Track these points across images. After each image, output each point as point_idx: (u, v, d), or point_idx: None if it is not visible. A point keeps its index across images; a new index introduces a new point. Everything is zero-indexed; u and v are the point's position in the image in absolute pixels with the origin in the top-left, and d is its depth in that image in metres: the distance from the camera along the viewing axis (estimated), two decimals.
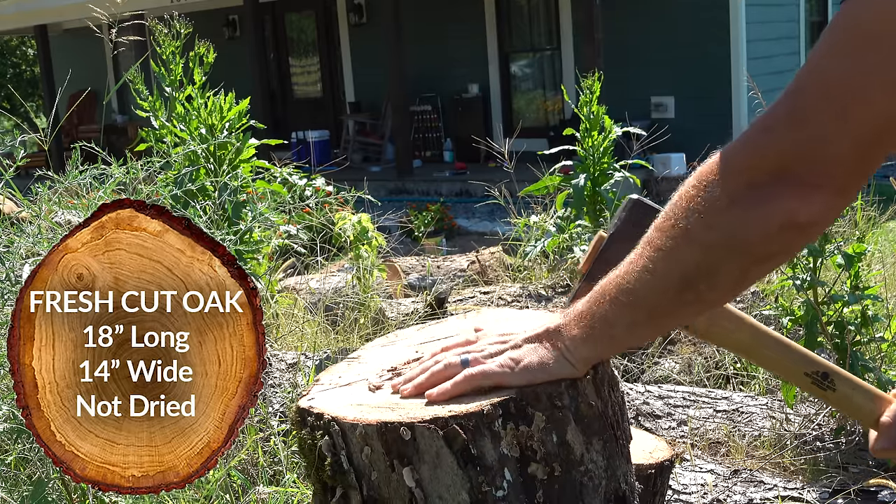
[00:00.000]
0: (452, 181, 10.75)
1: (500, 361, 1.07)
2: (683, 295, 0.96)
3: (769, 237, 0.90)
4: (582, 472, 1.07)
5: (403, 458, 1.02)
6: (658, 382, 3.14)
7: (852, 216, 3.49)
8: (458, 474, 1.02)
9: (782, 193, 0.88)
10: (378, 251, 4.25)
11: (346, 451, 1.05)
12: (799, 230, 0.89)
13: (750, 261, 0.93)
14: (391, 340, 1.33)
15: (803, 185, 0.87)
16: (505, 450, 1.03)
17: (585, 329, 1.04)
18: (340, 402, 1.11)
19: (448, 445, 1.01)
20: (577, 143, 4.27)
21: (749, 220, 0.90)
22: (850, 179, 0.88)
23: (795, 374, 1.14)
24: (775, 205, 0.88)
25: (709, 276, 0.94)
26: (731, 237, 0.91)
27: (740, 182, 0.90)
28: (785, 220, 0.88)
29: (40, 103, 19.05)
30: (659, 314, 1.00)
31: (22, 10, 14.10)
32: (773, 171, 0.88)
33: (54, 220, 1.78)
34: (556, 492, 1.05)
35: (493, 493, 1.02)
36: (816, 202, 0.88)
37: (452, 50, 11.84)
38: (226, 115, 3.15)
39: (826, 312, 2.59)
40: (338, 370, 1.24)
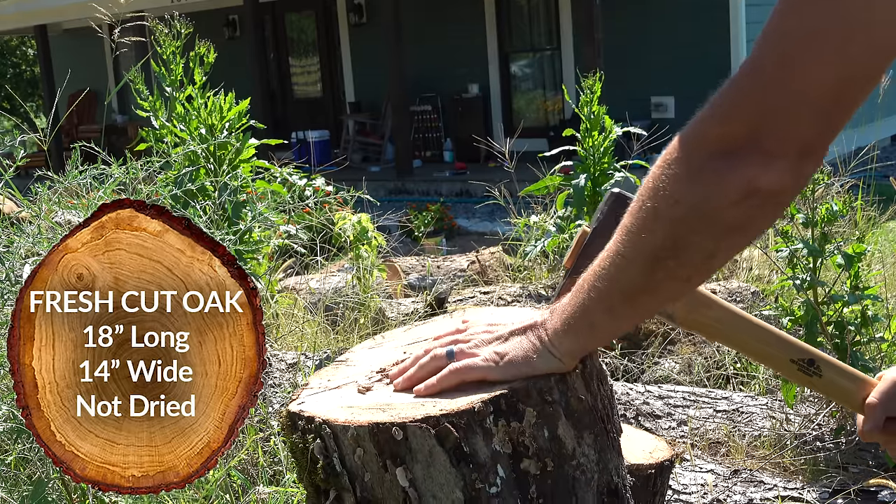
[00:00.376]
0: (452, 181, 10.75)
1: (484, 355, 1.07)
2: (654, 273, 0.95)
3: (732, 207, 0.89)
4: (574, 465, 1.07)
5: (396, 459, 1.02)
6: (658, 382, 3.14)
7: (852, 216, 3.49)
8: (451, 472, 1.02)
9: (742, 162, 0.87)
10: (378, 251, 4.25)
11: (338, 454, 1.05)
12: (763, 198, 0.88)
13: (717, 233, 0.91)
14: (378, 342, 1.33)
15: (762, 152, 0.87)
16: (497, 446, 1.03)
17: (567, 320, 1.03)
18: (331, 404, 1.10)
19: (440, 444, 1.01)
20: (577, 143, 4.27)
21: (711, 191, 0.89)
22: (813, 144, 0.88)
23: (781, 362, 1.14)
24: (735, 173, 0.87)
25: (677, 252, 0.93)
26: (695, 209, 0.90)
27: (702, 154, 0.90)
28: (746, 188, 0.87)
29: (40, 103, 19.06)
30: (633, 296, 0.99)
31: (22, 10, 14.10)
32: (733, 140, 0.88)
33: (54, 220, 1.78)
34: (549, 486, 1.05)
35: (487, 489, 1.02)
36: (777, 169, 0.87)
37: (452, 50, 11.84)
38: (226, 115, 3.15)
39: (826, 312, 2.59)
40: (326, 374, 1.24)
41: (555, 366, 1.05)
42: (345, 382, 1.18)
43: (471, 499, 1.02)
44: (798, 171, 0.88)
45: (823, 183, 2.57)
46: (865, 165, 3.80)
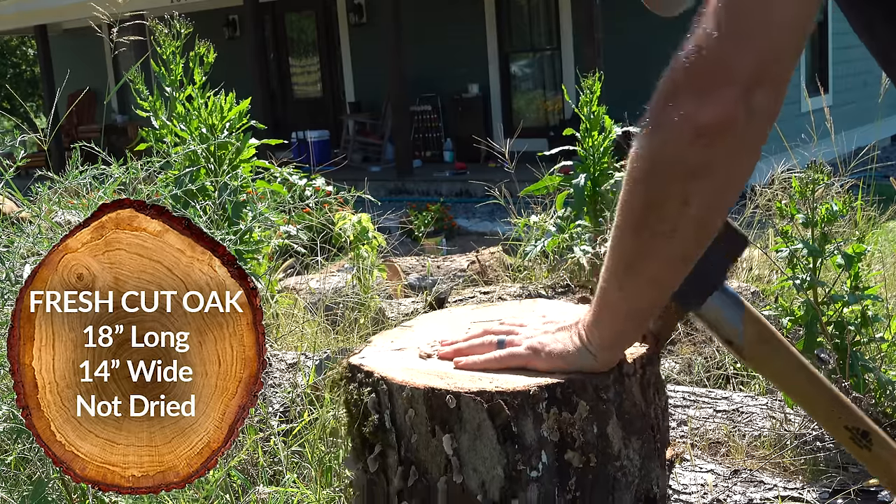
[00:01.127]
0: (452, 181, 10.75)
1: (528, 344, 1.09)
2: (641, 234, 0.96)
3: (686, 148, 0.90)
4: (617, 466, 1.08)
5: (445, 426, 1.04)
6: None
7: (852, 216, 3.49)
8: (496, 449, 1.03)
9: (683, 100, 0.89)
10: (378, 251, 4.25)
11: (390, 411, 1.08)
12: (711, 135, 0.88)
13: (680, 176, 0.92)
14: (444, 315, 1.36)
15: (699, 88, 0.88)
16: (545, 432, 1.04)
17: (593, 310, 1.05)
18: (391, 364, 1.14)
19: (491, 419, 1.02)
20: (577, 143, 4.27)
21: (664, 138, 0.91)
22: (752, 77, 0.88)
23: (835, 425, 1.13)
24: (678, 113, 0.89)
25: (654, 208, 0.94)
26: (654, 159, 0.92)
27: (657, 104, 0.92)
28: (691, 127, 0.88)
29: (40, 103, 19.06)
30: (632, 264, 0.99)
31: (22, 10, 14.10)
32: (678, 83, 0.90)
33: (54, 220, 1.78)
34: (589, 481, 1.06)
35: (528, 472, 1.03)
36: (713, 101, 0.88)
37: (452, 50, 11.84)
38: (226, 115, 3.15)
39: (826, 312, 2.59)
40: (391, 335, 1.28)
41: (589, 362, 1.06)
42: (407, 346, 1.21)
43: (511, 478, 1.03)
44: (746, 101, 0.88)
45: (823, 183, 2.57)
46: (865, 165, 3.80)
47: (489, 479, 1.04)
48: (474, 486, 1.04)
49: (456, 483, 1.04)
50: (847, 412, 1.13)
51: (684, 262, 1.00)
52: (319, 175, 5.89)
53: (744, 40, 0.87)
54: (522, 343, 1.10)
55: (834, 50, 11.53)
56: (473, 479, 1.04)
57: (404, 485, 1.08)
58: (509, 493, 1.03)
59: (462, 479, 1.04)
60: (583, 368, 1.07)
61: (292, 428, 2.25)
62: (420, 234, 7.75)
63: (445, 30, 11.82)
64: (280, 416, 2.45)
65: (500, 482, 1.04)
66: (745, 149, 0.91)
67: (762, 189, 4.20)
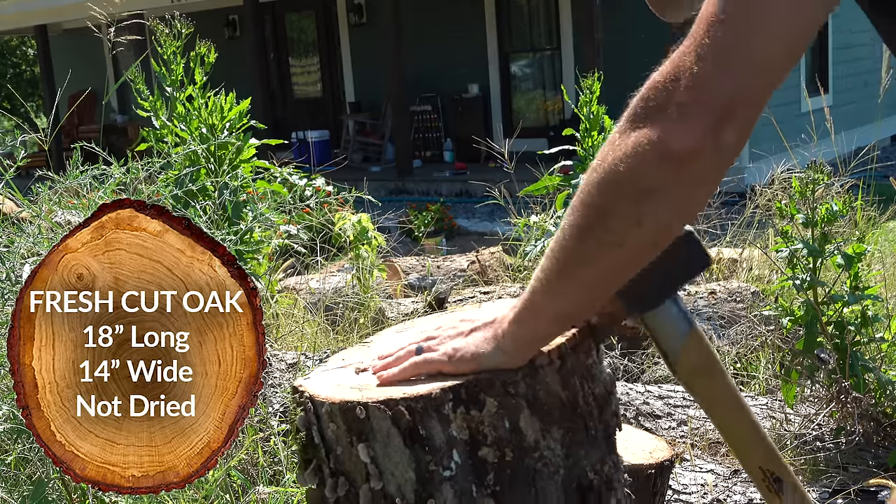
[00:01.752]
0: (452, 181, 10.75)
1: (443, 350, 1.11)
2: (585, 241, 0.96)
3: (646, 168, 0.90)
4: (536, 458, 1.10)
5: (360, 436, 1.08)
6: (658, 382, 3.14)
7: (852, 216, 3.49)
8: (405, 453, 1.07)
9: (654, 125, 0.89)
10: (378, 251, 4.25)
11: (317, 427, 1.12)
12: (677, 161, 0.89)
13: (637, 196, 0.92)
14: (406, 327, 1.39)
15: (673, 115, 0.89)
16: (454, 432, 1.07)
17: (516, 310, 1.06)
18: (326, 382, 1.17)
19: (395, 425, 1.06)
20: (577, 144, 4.27)
21: (629, 154, 0.91)
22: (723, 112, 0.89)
23: (751, 463, 1.15)
24: (647, 134, 0.90)
25: (604, 218, 0.94)
26: (616, 172, 0.92)
27: (628, 123, 0.93)
28: (659, 150, 0.89)
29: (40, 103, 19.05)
30: (568, 268, 0.99)
31: (22, 10, 14.10)
32: (652, 107, 0.90)
33: (54, 220, 1.78)
34: (507, 475, 1.09)
35: (441, 472, 1.06)
36: (684, 130, 0.88)
37: (452, 50, 11.84)
38: (226, 115, 3.15)
39: (826, 312, 2.59)
40: (345, 353, 1.31)
41: (501, 360, 1.08)
42: (353, 363, 1.24)
43: (423, 479, 1.07)
44: (715, 135, 0.89)
45: (823, 183, 2.57)
46: (865, 165, 3.80)
47: (404, 483, 1.07)
48: (393, 490, 1.08)
49: (377, 489, 1.09)
50: (768, 452, 1.14)
51: (622, 275, 1.01)
52: (319, 175, 5.89)
53: (724, 76, 0.88)
54: (438, 348, 1.12)
55: (834, 50, 11.54)
56: (392, 484, 1.08)
57: (337, 495, 1.13)
58: (424, 494, 1.07)
59: (382, 485, 1.08)
60: (496, 367, 1.08)
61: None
62: (420, 234, 7.75)
63: (445, 30, 11.82)
64: (280, 416, 2.45)
65: (414, 484, 1.07)
66: (704, 180, 0.92)
67: (762, 189, 4.20)
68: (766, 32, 0.88)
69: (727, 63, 0.88)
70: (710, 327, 3.45)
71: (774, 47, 0.89)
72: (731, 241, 4.68)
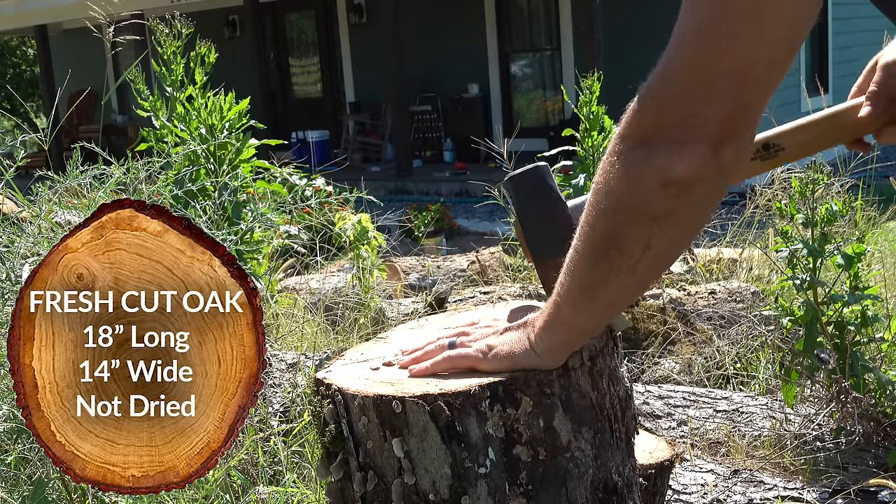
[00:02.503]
0: (452, 181, 10.75)
1: (477, 346, 1.13)
2: (600, 265, 0.98)
3: (652, 196, 0.91)
4: (567, 458, 1.11)
5: (395, 430, 1.08)
6: (658, 382, 3.14)
7: (852, 216, 3.49)
8: (441, 449, 1.07)
9: (655, 151, 0.89)
10: (378, 251, 4.25)
11: (346, 420, 1.12)
12: (680, 188, 0.90)
13: (644, 222, 0.93)
14: (420, 324, 1.40)
15: (671, 139, 0.89)
16: (490, 430, 1.07)
17: (545, 317, 1.08)
18: (351, 375, 1.17)
19: (433, 421, 1.06)
20: (576, 144, 4.27)
21: (631, 182, 0.92)
22: (725, 129, 0.88)
23: None
24: (649, 163, 0.90)
25: (616, 243, 0.96)
26: (621, 201, 0.93)
27: (625, 145, 0.93)
28: (660, 177, 0.89)
29: (40, 103, 19.06)
30: (588, 289, 1.01)
31: (22, 10, 14.10)
32: (648, 129, 0.90)
33: (54, 220, 1.78)
34: (539, 474, 1.10)
35: (476, 469, 1.07)
36: (686, 158, 0.88)
37: (452, 50, 11.84)
38: (226, 115, 3.15)
39: (826, 312, 2.59)
40: (363, 347, 1.32)
41: (535, 363, 1.10)
42: (374, 357, 1.26)
43: (458, 476, 1.07)
44: (715, 158, 0.89)
45: (823, 183, 2.57)
46: (865, 165, 3.80)
47: (438, 479, 1.08)
48: (426, 485, 1.08)
49: (409, 484, 1.09)
50: None
51: (640, 290, 1.05)
52: (319, 175, 5.89)
53: (717, 99, 0.87)
54: (472, 345, 1.14)
55: (834, 50, 11.53)
56: (425, 479, 1.08)
57: (365, 489, 1.13)
58: (459, 490, 1.07)
59: (415, 480, 1.09)
60: (531, 367, 1.10)
61: (292, 428, 2.25)
62: (420, 234, 7.75)
63: (445, 30, 11.82)
64: (280, 416, 2.45)
65: (449, 480, 1.07)
66: (709, 200, 0.94)
67: (762, 189, 4.20)
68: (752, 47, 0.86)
69: (718, 85, 0.86)
70: (711, 327, 3.45)
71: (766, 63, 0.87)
72: (731, 241, 4.68)
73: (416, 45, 11.45)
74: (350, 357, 1.27)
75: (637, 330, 3.49)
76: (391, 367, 1.20)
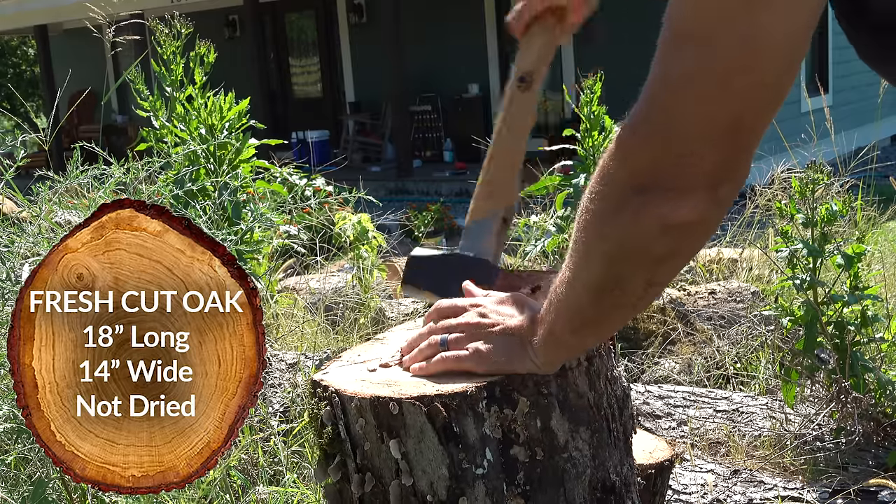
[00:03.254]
0: (452, 181, 10.74)
1: (474, 347, 1.12)
2: (602, 303, 0.99)
3: (655, 241, 0.90)
4: (565, 458, 1.11)
5: (392, 431, 1.08)
6: (658, 382, 3.14)
7: (852, 216, 3.48)
8: (438, 450, 1.07)
9: (653, 199, 0.88)
10: (378, 251, 4.25)
11: (344, 422, 1.12)
12: (681, 230, 0.90)
13: (647, 264, 0.94)
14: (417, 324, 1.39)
15: (670, 189, 0.87)
16: (487, 430, 1.07)
17: (543, 336, 1.08)
18: (348, 377, 1.17)
19: (430, 422, 1.06)
20: (577, 143, 4.27)
21: (631, 229, 0.91)
22: (721, 172, 0.88)
23: None
24: (649, 211, 0.89)
25: (618, 283, 0.96)
26: (621, 246, 0.93)
27: (618, 190, 0.91)
28: (662, 224, 0.89)
29: (40, 103, 19.05)
30: (589, 320, 1.03)
31: (22, 10, 14.10)
32: (642, 176, 0.89)
33: (54, 220, 1.78)
34: (537, 474, 1.10)
35: (473, 470, 1.07)
36: (687, 204, 0.88)
37: (452, 50, 11.83)
38: (226, 115, 3.15)
39: (826, 312, 2.59)
40: (360, 349, 1.32)
41: (532, 368, 1.10)
42: (371, 358, 1.26)
43: (456, 476, 1.07)
44: (714, 198, 0.89)
45: (823, 183, 2.57)
46: (865, 165, 3.80)
47: (436, 480, 1.08)
48: (424, 487, 1.08)
49: (406, 486, 1.09)
50: None
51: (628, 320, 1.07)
52: (319, 175, 5.89)
53: (711, 147, 0.86)
54: (468, 347, 1.13)
55: (834, 50, 11.53)
56: (423, 481, 1.08)
57: (363, 491, 1.13)
58: (456, 491, 1.07)
59: (413, 482, 1.09)
60: (527, 372, 1.10)
61: (292, 428, 2.25)
62: (420, 233, 7.75)
63: (445, 30, 11.82)
64: (280, 416, 2.45)
65: (447, 481, 1.07)
66: (711, 231, 0.94)
67: (762, 189, 4.20)
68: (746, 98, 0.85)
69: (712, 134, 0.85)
70: (711, 327, 3.45)
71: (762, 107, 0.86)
72: (731, 241, 4.68)
73: (416, 45, 11.45)
74: (347, 358, 1.27)
75: (637, 330, 3.49)
76: (388, 368, 1.20)
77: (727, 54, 0.82)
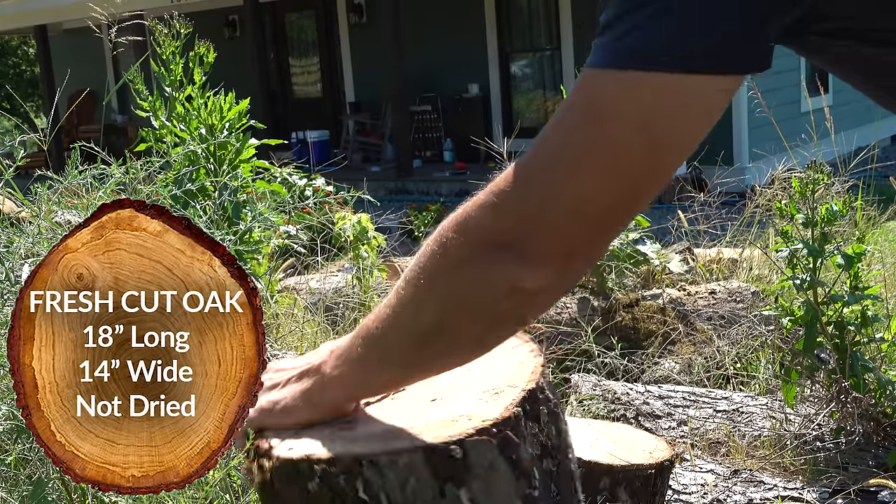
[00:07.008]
0: (452, 181, 10.75)
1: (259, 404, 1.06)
2: (422, 351, 0.96)
3: (498, 301, 0.89)
4: (571, 459, 1.09)
5: (454, 479, 0.95)
6: (658, 382, 3.14)
7: (852, 216, 3.49)
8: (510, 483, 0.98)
9: (508, 260, 0.87)
10: (378, 251, 4.25)
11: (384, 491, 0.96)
12: (527, 296, 0.88)
13: (485, 323, 0.91)
14: None
15: (527, 253, 0.86)
16: (530, 448, 1.02)
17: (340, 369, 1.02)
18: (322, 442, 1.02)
19: (502, 454, 0.97)
20: None
21: (478, 284, 0.88)
22: (578, 253, 0.87)
23: None
24: (501, 271, 0.87)
25: (446, 335, 0.93)
26: (462, 298, 0.90)
27: (471, 245, 0.89)
28: (511, 286, 0.87)
29: (40, 103, 19.06)
30: (405, 366, 0.99)
31: (22, 10, 14.10)
32: (501, 237, 0.87)
33: (54, 220, 1.78)
34: (561, 481, 1.07)
35: (533, 493, 1.00)
36: (539, 273, 0.87)
37: (452, 50, 11.84)
38: (226, 115, 3.15)
39: (826, 312, 2.59)
40: None
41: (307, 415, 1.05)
42: None
43: None
44: (565, 271, 0.88)
45: (823, 183, 2.57)
46: (865, 165, 3.80)
47: None
48: None
49: None
50: None
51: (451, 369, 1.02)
52: (319, 175, 5.89)
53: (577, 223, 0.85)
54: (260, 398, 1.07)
55: None
56: None
57: None
58: None
59: None
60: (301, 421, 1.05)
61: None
62: (420, 234, 7.75)
63: (445, 30, 11.82)
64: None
65: None
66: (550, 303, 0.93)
67: (762, 189, 4.20)
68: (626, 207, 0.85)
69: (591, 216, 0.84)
70: (711, 327, 3.45)
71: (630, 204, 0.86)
72: (731, 241, 4.68)
73: (416, 45, 11.45)
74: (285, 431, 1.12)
75: (637, 330, 3.49)
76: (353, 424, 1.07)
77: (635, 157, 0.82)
